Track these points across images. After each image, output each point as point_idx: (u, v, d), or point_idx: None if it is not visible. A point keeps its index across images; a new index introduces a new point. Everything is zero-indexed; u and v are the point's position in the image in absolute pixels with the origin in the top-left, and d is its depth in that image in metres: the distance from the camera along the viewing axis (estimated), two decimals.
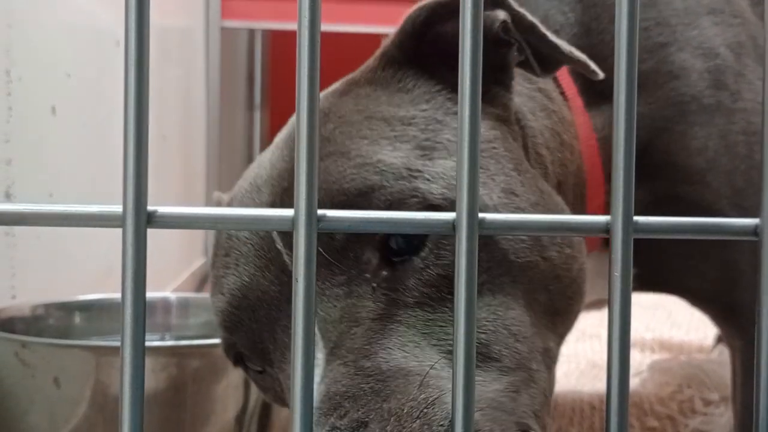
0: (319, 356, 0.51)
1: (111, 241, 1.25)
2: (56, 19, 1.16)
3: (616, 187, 0.34)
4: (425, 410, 0.47)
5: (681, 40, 0.75)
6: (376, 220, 0.36)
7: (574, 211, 0.69)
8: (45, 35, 1.12)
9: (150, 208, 0.34)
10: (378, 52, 0.63)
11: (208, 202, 2.21)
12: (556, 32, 0.73)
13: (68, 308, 0.99)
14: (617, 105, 0.34)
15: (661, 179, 0.71)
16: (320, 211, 0.34)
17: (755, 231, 0.35)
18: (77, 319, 1.00)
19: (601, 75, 0.59)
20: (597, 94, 0.72)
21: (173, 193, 1.82)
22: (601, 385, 1.26)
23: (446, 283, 0.53)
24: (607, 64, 0.71)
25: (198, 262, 2.07)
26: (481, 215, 0.34)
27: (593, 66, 0.60)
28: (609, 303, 0.34)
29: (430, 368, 0.49)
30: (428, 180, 0.54)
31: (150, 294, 0.83)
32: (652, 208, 0.64)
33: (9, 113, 1.00)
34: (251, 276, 0.56)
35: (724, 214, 0.73)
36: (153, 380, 0.78)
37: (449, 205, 0.54)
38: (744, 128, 0.74)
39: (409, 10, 0.63)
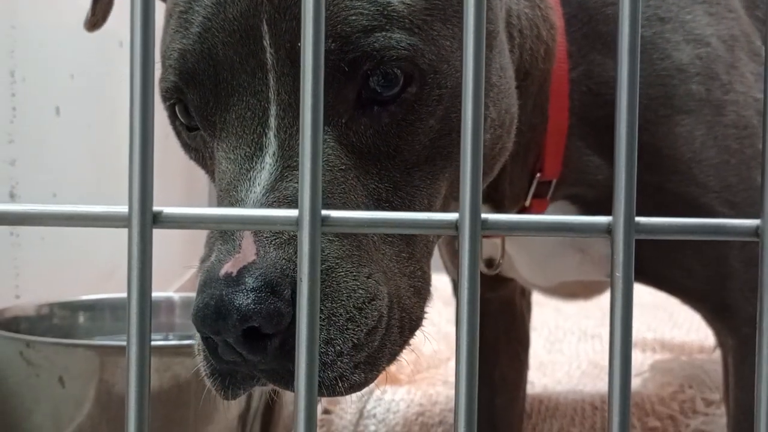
0: (268, 161, 0.52)
1: (114, 242, 1.26)
2: (60, 21, 1.16)
3: (618, 187, 0.34)
4: (358, 309, 0.50)
5: (676, 20, 0.74)
6: (381, 221, 0.36)
7: (528, 121, 0.69)
8: (49, 36, 1.12)
9: (155, 208, 0.34)
10: None
11: (211, 202, 2.21)
12: None
13: (72, 308, 1.00)
14: (619, 104, 0.34)
15: (643, 164, 0.69)
16: (324, 212, 0.34)
17: (756, 232, 0.35)
18: (81, 318, 1.00)
19: None
20: (590, 34, 0.72)
21: (176, 193, 1.82)
22: (602, 385, 1.26)
23: (403, 144, 0.54)
24: (610, 10, 0.71)
25: None
26: (483, 216, 0.34)
27: None
28: (611, 304, 0.34)
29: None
30: (425, 41, 0.53)
31: (154, 294, 0.83)
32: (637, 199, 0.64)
33: (13, 114, 1.01)
34: (226, 41, 0.53)
35: (712, 209, 0.72)
36: (157, 379, 0.78)
37: (432, 72, 0.54)
38: (735, 121, 0.72)
39: None
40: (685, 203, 0.72)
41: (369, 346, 0.51)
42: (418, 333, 0.56)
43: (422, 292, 0.56)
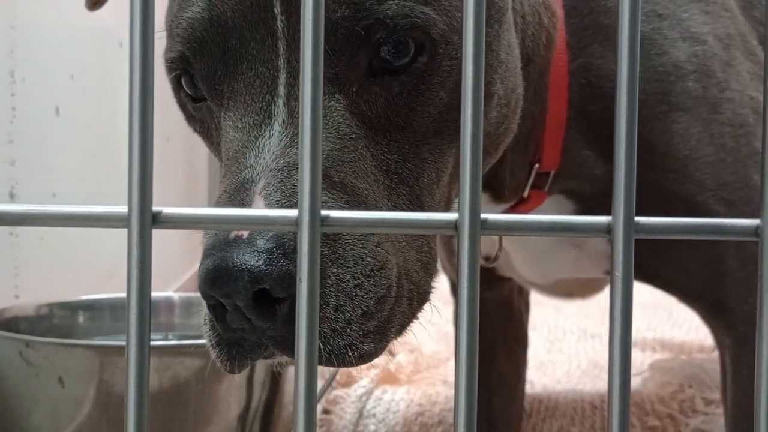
0: (277, 129, 0.51)
1: (114, 242, 1.26)
2: (60, 21, 1.16)
3: (617, 187, 0.34)
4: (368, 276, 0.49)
5: (673, 18, 0.74)
6: (379, 221, 0.36)
7: (529, 111, 0.68)
8: (49, 36, 1.12)
9: (155, 208, 0.34)
10: None
11: (211, 202, 2.21)
12: None
13: (72, 308, 1.00)
14: (618, 103, 0.34)
15: (638, 162, 0.69)
16: (324, 212, 0.34)
17: (756, 232, 0.35)
18: (81, 318, 1.00)
19: None
20: (587, 26, 0.72)
21: (176, 194, 1.82)
22: (602, 385, 1.26)
23: (413, 115, 0.54)
24: (611, 3, 0.71)
25: None
26: (483, 216, 0.34)
27: None
28: (611, 303, 0.34)
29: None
30: (437, 11, 0.53)
31: (153, 294, 0.83)
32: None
33: (13, 114, 1.01)
34: (235, 8, 0.53)
35: (708, 208, 0.71)
36: (157, 380, 0.78)
37: (444, 43, 0.54)
38: (731, 119, 0.72)
39: None
40: (681, 201, 0.72)
41: (378, 315, 0.50)
42: (424, 317, 0.55)
43: (429, 267, 0.56)
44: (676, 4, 0.74)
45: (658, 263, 0.75)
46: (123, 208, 0.34)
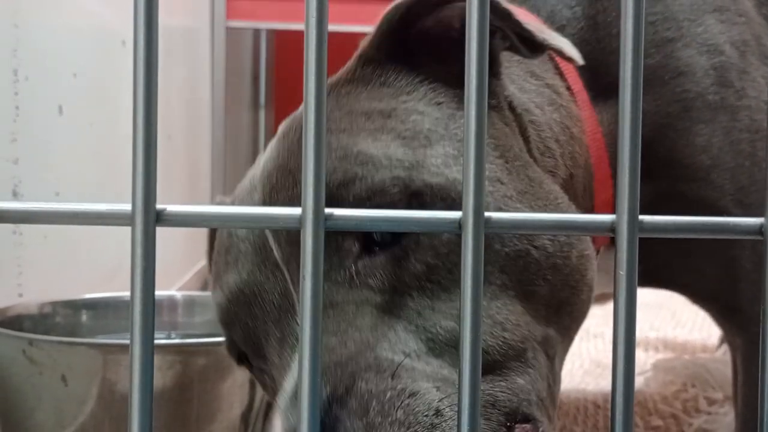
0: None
1: (118, 240, 1.26)
2: (63, 20, 1.16)
3: (622, 186, 0.34)
4: (407, 401, 0.48)
5: (687, 36, 0.76)
6: (383, 219, 0.36)
7: (582, 204, 0.69)
8: (52, 35, 1.12)
9: (159, 206, 0.34)
10: (356, 54, 0.63)
11: (213, 202, 2.21)
12: (562, 27, 0.73)
13: (75, 306, 1.00)
14: (622, 104, 0.34)
15: (664, 176, 0.72)
16: (327, 210, 0.34)
17: (760, 230, 0.35)
18: (84, 317, 1.00)
19: (579, 61, 0.60)
20: (603, 87, 0.72)
21: (178, 193, 1.82)
22: (605, 384, 1.26)
23: (427, 272, 0.54)
24: (614, 57, 0.71)
25: (203, 260, 2.07)
26: (487, 214, 0.34)
27: (569, 52, 0.59)
28: (614, 302, 0.34)
29: (405, 357, 0.51)
30: (408, 168, 0.55)
31: (156, 292, 0.83)
32: (654, 206, 0.65)
33: (16, 113, 1.01)
34: (248, 273, 0.57)
35: (727, 211, 0.74)
36: (160, 378, 0.78)
37: (430, 192, 0.54)
38: (748, 126, 0.75)
39: (385, 9, 0.63)
40: (705, 207, 0.74)
41: None
42: None
43: None
44: (690, 19, 0.76)
45: (679, 271, 0.77)
46: (127, 206, 0.34)
